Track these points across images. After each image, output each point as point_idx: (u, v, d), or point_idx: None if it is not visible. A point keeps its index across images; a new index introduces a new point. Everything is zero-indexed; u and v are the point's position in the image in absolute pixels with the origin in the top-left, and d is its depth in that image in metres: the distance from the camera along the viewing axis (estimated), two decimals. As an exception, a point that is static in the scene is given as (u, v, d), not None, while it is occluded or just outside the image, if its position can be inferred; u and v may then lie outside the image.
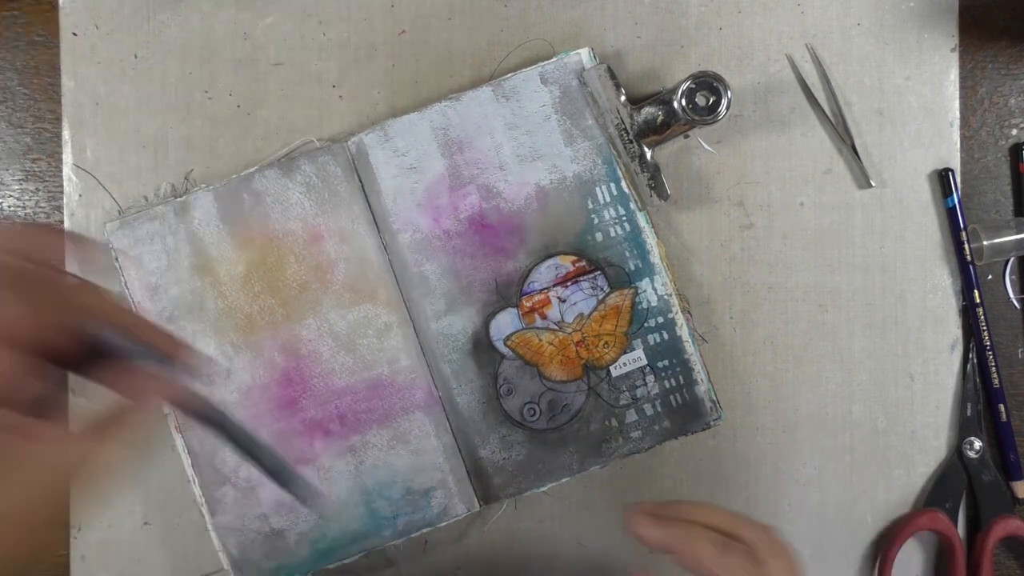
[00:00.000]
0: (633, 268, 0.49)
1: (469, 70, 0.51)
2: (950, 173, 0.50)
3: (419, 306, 0.49)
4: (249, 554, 0.49)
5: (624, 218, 0.49)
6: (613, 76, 0.48)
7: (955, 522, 0.50)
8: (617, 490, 0.51)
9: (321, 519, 0.48)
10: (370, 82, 0.51)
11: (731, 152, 0.51)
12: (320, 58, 0.51)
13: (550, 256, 0.49)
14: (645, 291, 0.49)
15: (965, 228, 0.50)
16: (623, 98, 0.48)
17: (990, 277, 0.52)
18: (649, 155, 0.48)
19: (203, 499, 0.48)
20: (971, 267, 0.50)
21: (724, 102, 0.47)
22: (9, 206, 0.52)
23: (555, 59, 0.49)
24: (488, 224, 0.49)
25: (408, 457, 0.49)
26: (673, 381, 0.49)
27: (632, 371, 0.49)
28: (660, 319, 0.49)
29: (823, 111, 0.51)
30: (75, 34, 0.51)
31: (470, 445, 0.49)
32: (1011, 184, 0.52)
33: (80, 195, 0.51)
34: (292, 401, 0.49)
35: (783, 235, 0.51)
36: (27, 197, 0.52)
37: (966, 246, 0.50)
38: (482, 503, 0.49)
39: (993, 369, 0.50)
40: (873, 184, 0.51)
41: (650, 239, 0.49)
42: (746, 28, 0.51)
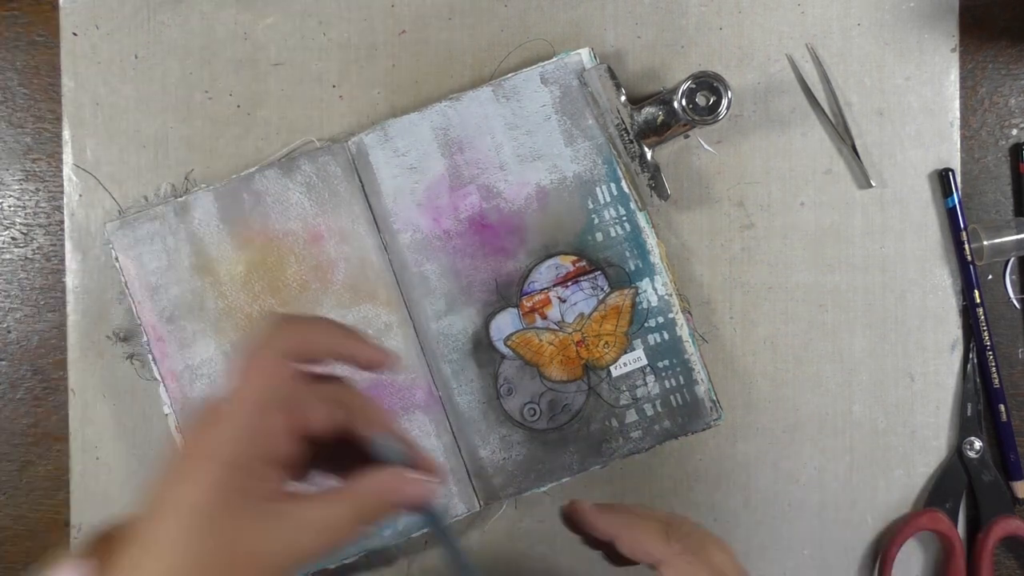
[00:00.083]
0: (633, 268, 0.49)
1: (469, 70, 0.51)
2: (950, 173, 0.50)
3: (419, 306, 0.49)
4: (249, 554, 0.49)
5: (624, 218, 0.49)
6: (613, 76, 0.48)
7: (955, 522, 0.50)
8: (617, 490, 0.51)
9: None
10: (370, 82, 0.51)
11: (731, 152, 0.51)
12: (320, 58, 0.51)
13: (550, 256, 0.49)
14: (645, 291, 0.49)
15: (965, 228, 0.50)
16: (623, 98, 0.48)
17: (990, 277, 0.52)
18: (649, 155, 0.48)
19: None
20: (971, 267, 0.50)
21: (724, 102, 0.47)
22: (9, 206, 0.52)
23: (555, 59, 0.49)
24: (488, 224, 0.49)
25: (408, 457, 0.49)
26: (673, 381, 0.49)
27: (632, 371, 0.49)
28: (660, 319, 0.49)
29: (823, 111, 0.51)
30: (75, 34, 0.51)
31: (470, 445, 0.49)
32: (1011, 184, 0.52)
33: (80, 195, 0.51)
34: (292, 401, 0.49)
35: (783, 235, 0.51)
36: (27, 197, 0.52)
37: (966, 246, 0.50)
38: (482, 503, 0.49)
39: (993, 369, 0.50)
40: (873, 184, 0.51)
41: (650, 239, 0.49)
42: (746, 28, 0.51)
